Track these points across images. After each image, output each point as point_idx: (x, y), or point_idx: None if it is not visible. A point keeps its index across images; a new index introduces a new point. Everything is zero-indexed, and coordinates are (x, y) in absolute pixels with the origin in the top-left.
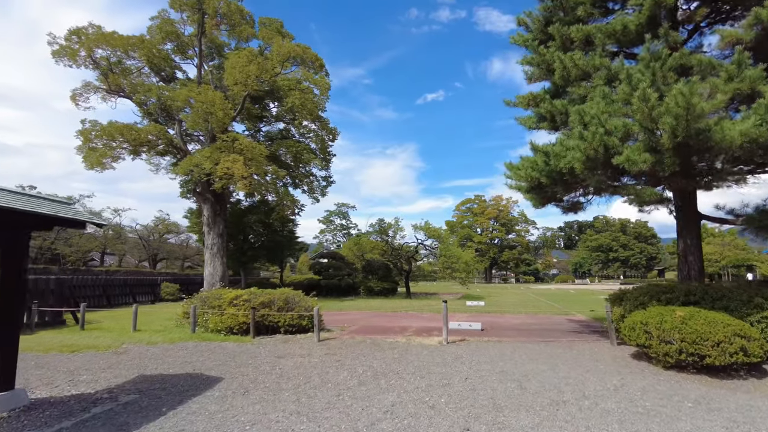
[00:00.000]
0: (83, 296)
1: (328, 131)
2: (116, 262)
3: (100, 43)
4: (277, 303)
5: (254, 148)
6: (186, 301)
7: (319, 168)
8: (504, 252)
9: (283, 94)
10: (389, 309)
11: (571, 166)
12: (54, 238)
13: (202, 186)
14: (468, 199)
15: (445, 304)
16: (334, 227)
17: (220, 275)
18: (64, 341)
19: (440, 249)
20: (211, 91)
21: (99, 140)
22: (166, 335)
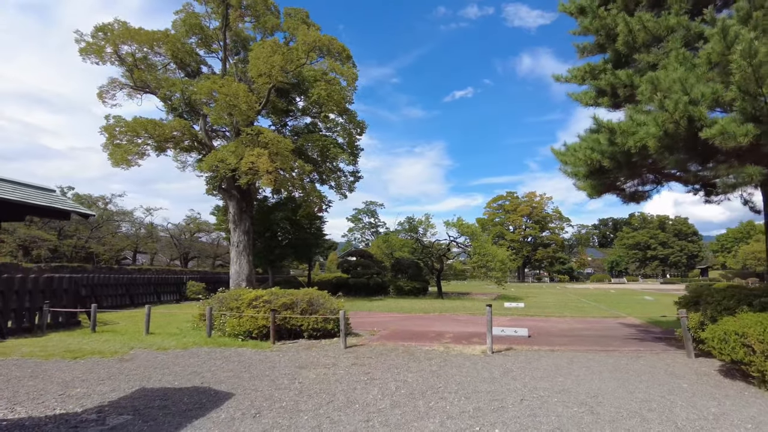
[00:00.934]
0: (105, 295)
1: (356, 124)
2: (148, 261)
3: (125, 39)
4: (299, 305)
5: (279, 142)
6: (203, 302)
7: (346, 163)
8: (538, 250)
9: (309, 86)
10: (421, 310)
11: (643, 145)
12: (87, 237)
13: (227, 182)
14: (500, 195)
15: (490, 308)
16: (363, 226)
17: (246, 274)
18: (71, 345)
19: (474, 247)
20: (235, 83)
21: (123, 136)
22: (179, 339)
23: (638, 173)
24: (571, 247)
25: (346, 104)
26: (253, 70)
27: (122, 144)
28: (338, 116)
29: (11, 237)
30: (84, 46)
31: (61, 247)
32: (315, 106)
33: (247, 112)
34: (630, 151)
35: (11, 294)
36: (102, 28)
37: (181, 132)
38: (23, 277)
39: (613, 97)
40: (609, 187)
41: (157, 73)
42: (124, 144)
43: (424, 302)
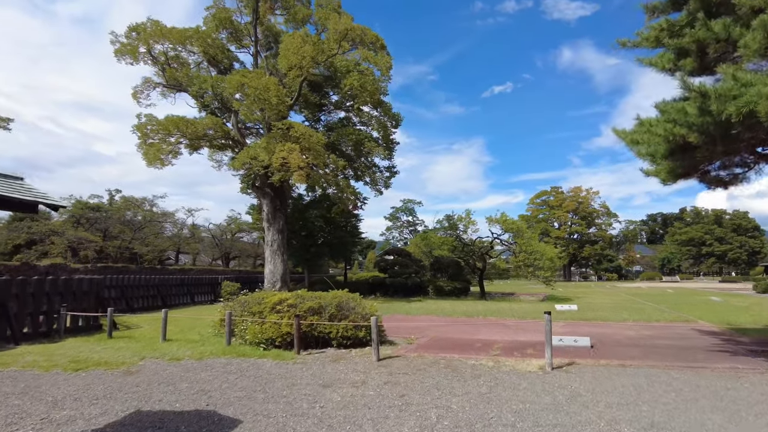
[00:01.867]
0: (135, 297)
1: (391, 117)
2: (190, 261)
3: (158, 38)
4: (327, 309)
5: (311, 136)
6: (224, 305)
7: (381, 157)
8: (584, 248)
9: (341, 77)
10: (463, 313)
11: (749, 111)
12: (131, 238)
13: (260, 180)
14: (543, 191)
15: (549, 316)
16: (401, 224)
17: (281, 273)
18: (80, 354)
19: (519, 244)
20: (265, 77)
21: (155, 135)
22: (196, 348)
23: (735, 150)
24: (618, 244)
25: (381, 96)
26: (283, 62)
27: (155, 143)
28: (372, 109)
29: (61, 239)
30: (118, 47)
31: (107, 248)
32: (348, 99)
33: (277, 106)
34: (728, 121)
35: (27, 297)
36: (135, 28)
37: (214, 129)
38: (40, 278)
39: (699, 57)
40: (691, 170)
41: (190, 71)
42: (157, 143)
43: (466, 304)
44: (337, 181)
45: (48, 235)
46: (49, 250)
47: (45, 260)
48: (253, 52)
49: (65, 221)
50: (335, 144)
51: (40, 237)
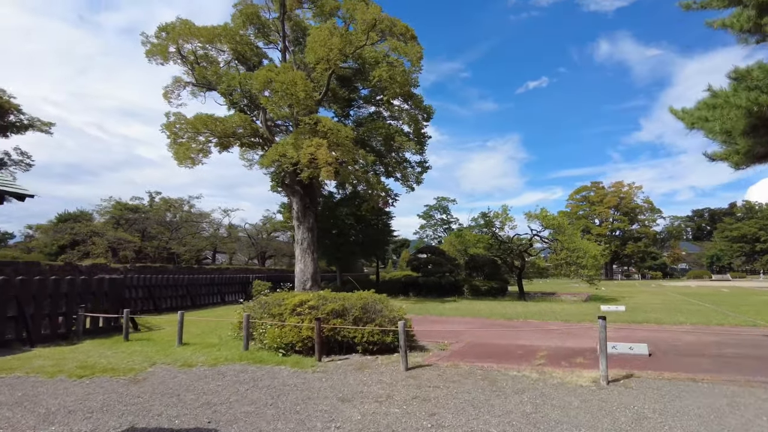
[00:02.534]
0: (163, 297)
1: (422, 110)
2: (227, 260)
3: (187, 37)
4: (352, 312)
5: (339, 131)
6: (244, 306)
7: (413, 152)
8: (627, 245)
9: (370, 69)
10: (501, 315)
11: None
12: (168, 238)
13: (289, 177)
14: (584, 186)
15: (603, 322)
16: (434, 222)
17: (311, 272)
18: (90, 359)
19: (561, 241)
20: (292, 71)
21: (184, 133)
22: (212, 353)
23: None
24: (662, 241)
25: (411, 88)
26: (310, 56)
27: (184, 142)
28: (403, 102)
29: (101, 239)
30: (149, 48)
31: (145, 248)
32: (377, 92)
33: (305, 100)
34: None
35: (45, 298)
36: (164, 28)
37: (243, 127)
38: (57, 279)
39: None
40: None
41: (219, 69)
42: (186, 142)
43: (504, 305)
44: (367, 177)
45: (89, 236)
46: (90, 251)
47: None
48: (282, 48)
49: (106, 222)
50: (365, 139)
51: (82, 238)
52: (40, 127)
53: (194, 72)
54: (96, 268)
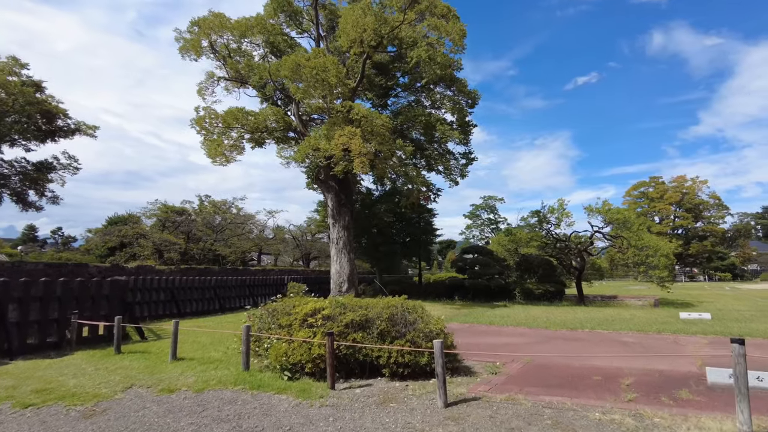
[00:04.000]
0: (187, 300)
1: (466, 95)
2: (272, 261)
3: (219, 30)
4: (376, 324)
5: (374, 119)
6: (249, 313)
7: (456, 142)
8: (691, 244)
9: (407, 50)
10: (562, 324)
11: None
12: (213, 239)
13: (323, 172)
14: (642, 182)
15: (741, 347)
16: (481, 222)
17: (347, 273)
18: (59, 378)
19: (627, 238)
20: (323, 56)
21: (214, 128)
22: (206, 372)
23: None
24: (730, 239)
25: (453, 71)
26: (343, 39)
27: (216, 138)
28: (445, 89)
29: (147, 241)
30: (182, 44)
31: (191, 249)
32: (416, 77)
33: (337, 87)
34: None
35: (33, 302)
36: (196, 22)
37: (276, 120)
38: (48, 281)
39: None
40: None
41: (251, 62)
42: (217, 137)
43: (562, 311)
44: (406, 170)
45: (136, 238)
46: (137, 252)
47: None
48: (315, 36)
49: (153, 225)
50: (403, 129)
51: (129, 240)
52: (86, 131)
53: (226, 65)
54: (141, 269)
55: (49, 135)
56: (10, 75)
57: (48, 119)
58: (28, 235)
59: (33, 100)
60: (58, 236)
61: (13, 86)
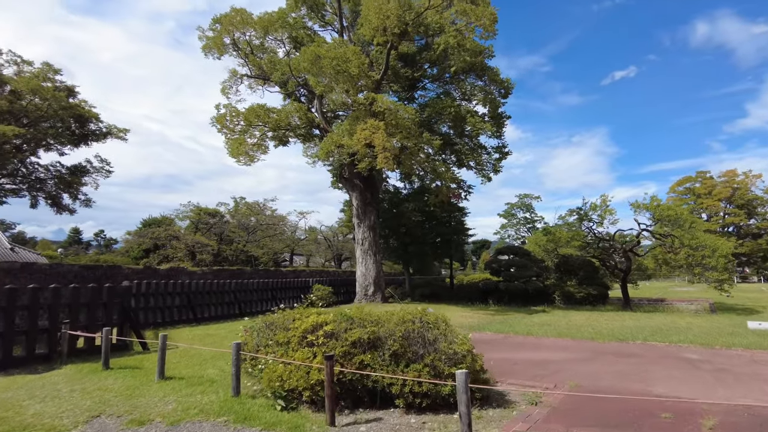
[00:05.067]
0: (205, 304)
1: (499, 84)
2: (304, 263)
3: (241, 26)
4: (388, 343)
5: (398, 111)
6: (248, 325)
7: (489, 134)
8: (744, 242)
9: (433, 35)
10: (610, 334)
11: None
12: (246, 241)
13: (348, 170)
14: (687, 177)
15: None
16: (517, 221)
17: (373, 276)
18: (24, 402)
19: (680, 236)
20: (344, 46)
21: (235, 126)
22: (190, 397)
23: None
24: None
25: (485, 59)
26: (365, 27)
27: (238, 137)
28: (476, 79)
29: (179, 243)
30: (205, 43)
31: (224, 251)
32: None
33: (359, 79)
34: None
35: (19, 311)
36: (218, 19)
37: (298, 117)
38: (36, 288)
39: None
40: None
41: (273, 58)
42: (239, 136)
43: (608, 318)
44: (434, 165)
45: (169, 240)
46: (170, 254)
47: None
48: (338, 28)
49: (187, 227)
50: (431, 122)
51: (162, 242)
52: (117, 134)
53: (248, 62)
54: (173, 271)
55: (82, 139)
56: (44, 81)
57: (81, 123)
58: (73, 237)
59: (66, 104)
60: (100, 239)
61: (47, 91)
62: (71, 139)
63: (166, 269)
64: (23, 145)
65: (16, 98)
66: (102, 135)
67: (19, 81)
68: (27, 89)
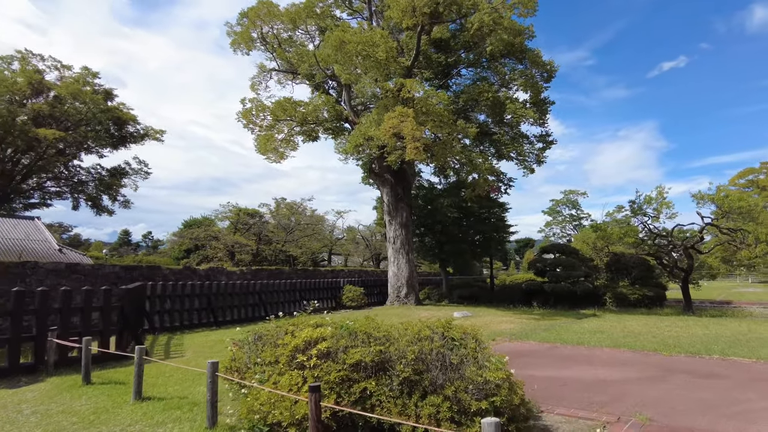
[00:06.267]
0: (226, 307)
1: (541, 67)
2: (343, 262)
3: (268, 19)
4: (398, 370)
5: (429, 97)
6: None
7: (531, 122)
8: None
9: (466, 13)
10: (676, 344)
11: None
12: (284, 240)
13: (378, 164)
14: (749, 168)
15: None
16: (562, 218)
17: (406, 277)
18: None
19: (753, 231)
20: (370, 30)
21: (262, 121)
22: (158, 427)
23: None
24: None
25: (524, 39)
26: (393, 9)
27: (266, 132)
28: (516, 63)
29: (218, 243)
30: (233, 38)
31: (263, 251)
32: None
33: (388, 63)
34: None
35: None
36: (245, 13)
37: (327, 110)
38: (21, 291)
39: None
40: None
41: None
42: (266, 131)
43: (670, 324)
44: (470, 156)
45: (209, 241)
46: (210, 254)
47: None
48: (367, 15)
49: (226, 228)
50: (466, 110)
51: (202, 242)
52: (154, 135)
53: (276, 55)
54: (212, 271)
55: (120, 141)
56: (83, 85)
57: (119, 125)
58: (123, 239)
59: (105, 107)
60: (148, 240)
61: (85, 95)
62: (110, 141)
63: (205, 269)
64: (66, 149)
65: (58, 103)
66: (139, 137)
67: (61, 86)
68: (67, 93)
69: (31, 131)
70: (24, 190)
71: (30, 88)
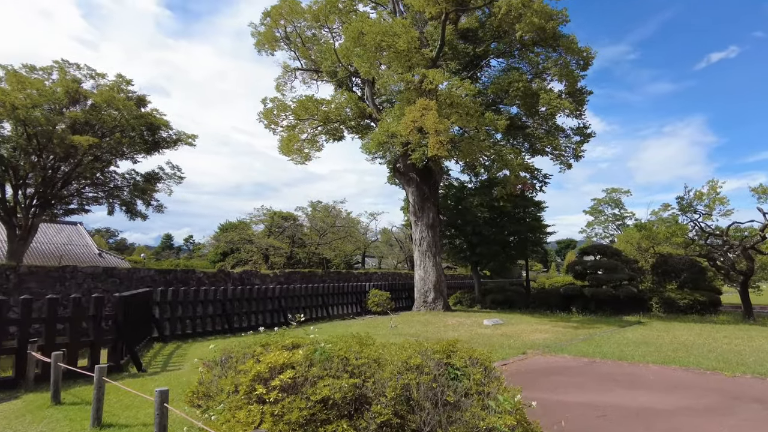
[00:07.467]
0: (243, 313)
1: (577, 54)
2: (376, 264)
3: (291, 17)
4: (380, 402)
5: (453, 87)
6: (204, 368)
7: (567, 113)
8: None
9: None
10: (740, 362)
11: None
12: (318, 243)
13: (402, 162)
14: None
15: None
16: (605, 218)
17: (433, 281)
18: None
19: None
20: (390, 20)
21: (283, 120)
22: None
23: None
24: None
25: (558, 24)
26: None
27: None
28: (550, 51)
29: (252, 246)
30: (257, 39)
31: (296, 254)
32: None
33: (409, 54)
34: None
35: None
36: (268, 12)
37: (349, 108)
38: (1, 300)
39: None
40: None
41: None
42: (289, 132)
43: (727, 334)
44: (501, 152)
45: (243, 244)
46: (245, 258)
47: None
48: (391, 8)
49: (261, 231)
50: (496, 102)
51: (237, 246)
52: (186, 140)
53: (299, 54)
54: (246, 274)
55: (153, 146)
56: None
57: (152, 131)
58: (165, 243)
59: (138, 113)
60: (190, 244)
61: (119, 101)
62: (144, 147)
63: (239, 272)
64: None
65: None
66: (172, 142)
67: (96, 94)
68: (102, 101)
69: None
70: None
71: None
